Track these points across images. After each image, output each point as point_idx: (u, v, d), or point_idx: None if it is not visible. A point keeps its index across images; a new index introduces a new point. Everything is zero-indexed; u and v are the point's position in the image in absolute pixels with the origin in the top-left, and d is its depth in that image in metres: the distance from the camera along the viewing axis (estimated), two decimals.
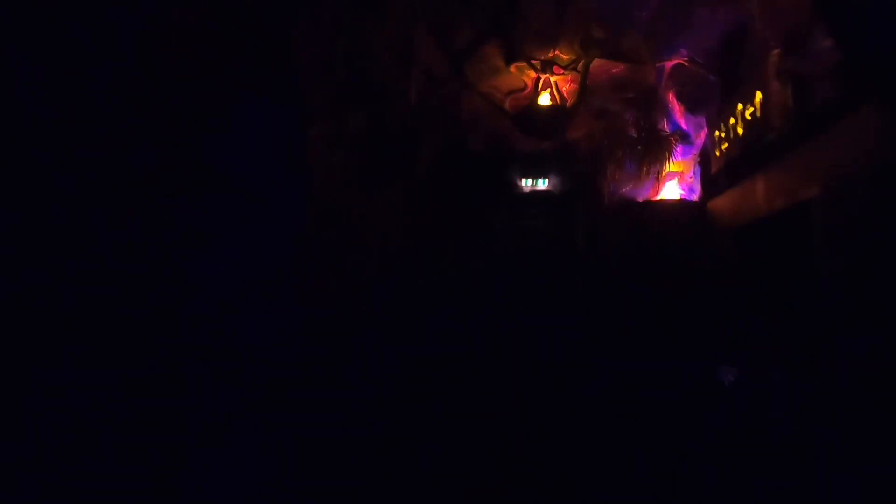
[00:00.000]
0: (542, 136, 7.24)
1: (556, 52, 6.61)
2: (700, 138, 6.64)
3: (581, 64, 6.63)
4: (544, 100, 6.94)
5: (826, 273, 3.87)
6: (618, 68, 6.79)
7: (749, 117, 4.81)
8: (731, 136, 5.32)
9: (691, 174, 6.89)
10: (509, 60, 6.63)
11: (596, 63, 6.77)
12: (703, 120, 6.50)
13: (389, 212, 7.65)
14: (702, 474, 3.98)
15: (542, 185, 8.28)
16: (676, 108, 6.80)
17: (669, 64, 6.58)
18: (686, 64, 6.34)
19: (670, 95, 6.79)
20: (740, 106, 4.98)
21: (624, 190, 7.63)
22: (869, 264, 3.50)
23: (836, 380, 3.67)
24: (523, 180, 8.27)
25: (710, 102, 6.19)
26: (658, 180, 7.27)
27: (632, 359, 6.35)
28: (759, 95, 4.53)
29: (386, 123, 7.40)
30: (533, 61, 6.78)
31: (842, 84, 3.51)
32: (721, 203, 6.02)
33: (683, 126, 6.82)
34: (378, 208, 7.58)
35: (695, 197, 6.90)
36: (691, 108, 6.53)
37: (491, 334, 6.86)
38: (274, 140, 3.36)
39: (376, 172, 7.52)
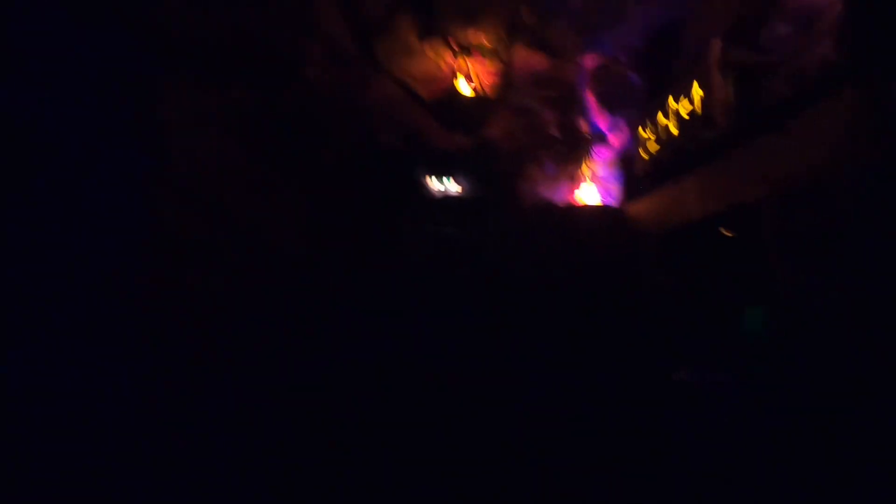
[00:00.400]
0: (461, 130, 6.58)
1: (480, 38, 5.99)
2: (620, 140, 6.44)
3: (504, 52, 6.09)
4: (464, 87, 6.29)
5: (779, 275, 3.61)
6: (540, 63, 6.37)
7: (684, 115, 4.53)
8: (661, 135, 5.05)
9: (610, 177, 6.67)
10: (424, 35, 5.86)
11: (518, 55, 6.28)
12: (623, 122, 6.30)
13: (284, 211, 6.46)
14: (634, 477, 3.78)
15: (457, 186, 7.64)
16: (596, 109, 6.55)
17: (592, 63, 6.31)
18: (609, 63, 6.08)
19: (591, 95, 6.52)
20: (673, 103, 4.71)
21: (541, 192, 7.26)
22: (827, 267, 3.25)
23: (791, 384, 3.43)
24: (437, 180, 7.56)
25: (633, 103, 5.98)
26: (576, 183, 6.99)
27: (551, 369, 5.94)
28: (697, 91, 4.24)
29: (281, 103, 6.24)
30: (451, 42, 6.09)
31: (804, 76, 3.22)
32: (644, 206, 5.80)
33: (603, 127, 6.59)
34: (270, 206, 6.36)
35: (613, 201, 6.70)
36: (613, 108, 6.29)
37: (400, 352, 6.05)
38: (104, 88, 2.19)
39: (269, 163, 6.30)
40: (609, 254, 6.54)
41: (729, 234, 5.37)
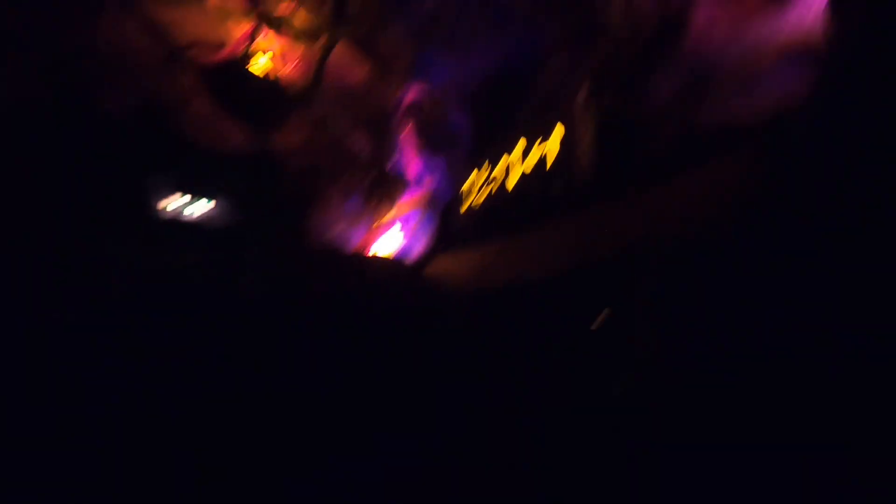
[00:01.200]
0: (246, 122, 4.75)
1: (299, 14, 4.50)
2: (435, 184, 5.72)
3: (324, 42, 4.74)
4: (260, 66, 4.60)
5: (641, 338, 3.16)
6: (361, 70, 5.25)
7: (532, 162, 4.03)
8: (498, 182, 4.47)
9: (419, 224, 5.82)
10: None
11: (338, 52, 5.02)
12: (441, 163, 5.63)
13: None
14: None
15: (216, 202, 5.54)
16: (413, 145, 5.74)
17: (416, 92, 5.55)
18: (436, 97, 5.42)
19: (409, 129, 5.70)
20: (520, 149, 4.20)
21: (333, 230, 5.87)
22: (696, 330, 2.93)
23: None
24: (186, 188, 5.32)
25: (457, 146, 5.39)
26: (379, 226, 5.90)
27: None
28: (557, 137, 3.79)
29: None
30: (256, 4, 4.43)
31: (693, 131, 2.97)
32: (463, 262, 5.04)
33: (418, 167, 5.79)
34: None
35: (419, 251, 5.81)
36: (432, 148, 5.59)
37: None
38: None
39: None
40: (406, 313, 5.51)
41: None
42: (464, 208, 5.00)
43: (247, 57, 4.59)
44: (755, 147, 2.70)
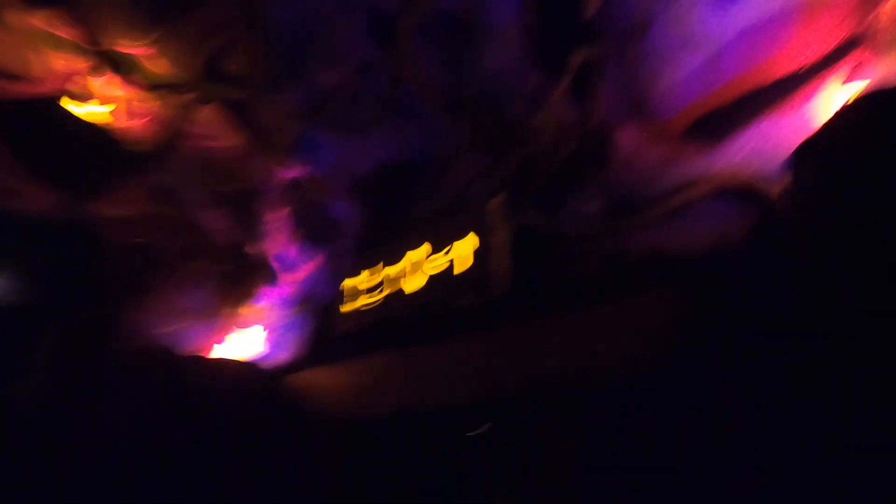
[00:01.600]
0: (59, 176, 3.48)
1: (153, 59, 3.60)
2: (308, 282, 4.87)
3: (187, 97, 3.85)
4: (91, 112, 3.50)
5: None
6: (227, 143, 4.40)
7: (434, 270, 3.58)
8: (389, 287, 3.89)
9: (282, 325, 4.81)
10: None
11: (200, 119, 4.14)
12: (318, 256, 4.87)
13: None
14: None
15: None
16: (285, 231, 4.91)
17: (294, 172, 4.84)
18: (320, 179, 4.79)
19: (282, 212, 4.90)
20: (419, 254, 3.73)
21: (163, 327, 4.55)
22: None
23: None
24: None
25: (341, 237, 4.73)
26: (229, 325, 4.76)
27: None
28: (467, 247, 3.42)
29: None
30: (85, 36, 3.41)
31: (619, 260, 2.83)
32: (336, 377, 4.18)
33: (287, 259, 4.91)
34: None
35: (281, 358, 4.75)
36: (310, 237, 4.82)
37: None
38: None
39: None
40: (260, 435, 4.33)
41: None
42: (345, 312, 4.24)
43: (73, 100, 3.47)
44: (680, 286, 2.58)
